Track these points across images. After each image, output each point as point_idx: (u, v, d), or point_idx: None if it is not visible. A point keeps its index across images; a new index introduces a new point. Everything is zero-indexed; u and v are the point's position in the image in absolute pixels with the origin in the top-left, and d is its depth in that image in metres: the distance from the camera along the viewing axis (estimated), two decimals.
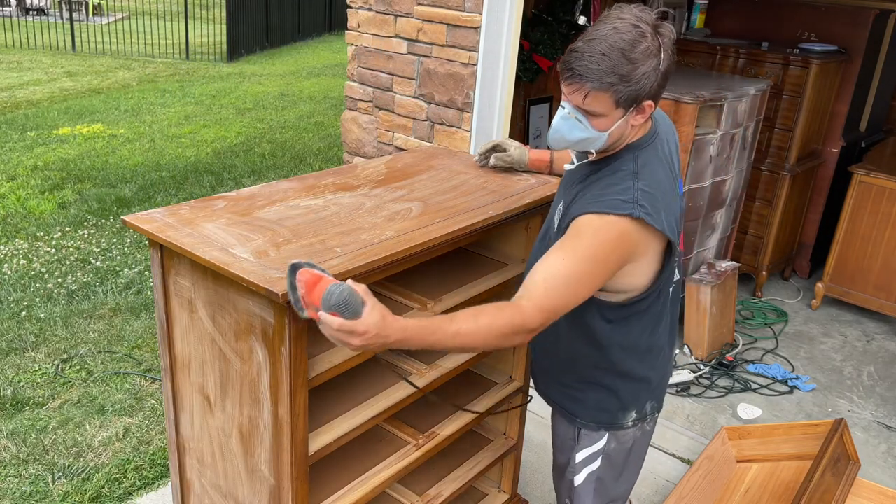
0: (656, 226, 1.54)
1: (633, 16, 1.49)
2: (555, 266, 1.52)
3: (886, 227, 4.21)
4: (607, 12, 1.54)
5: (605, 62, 1.47)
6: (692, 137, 3.45)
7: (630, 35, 1.47)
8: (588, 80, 1.49)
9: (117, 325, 3.95)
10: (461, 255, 2.27)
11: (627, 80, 1.48)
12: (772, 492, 2.73)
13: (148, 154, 7.06)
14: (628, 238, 1.54)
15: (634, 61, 1.47)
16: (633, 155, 1.62)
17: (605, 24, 1.50)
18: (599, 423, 1.88)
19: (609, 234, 1.53)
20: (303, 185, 2.07)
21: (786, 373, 3.80)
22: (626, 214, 1.52)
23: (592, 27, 1.52)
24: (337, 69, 12.49)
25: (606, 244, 1.53)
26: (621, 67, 1.47)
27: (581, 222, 1.55)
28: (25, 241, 4.99)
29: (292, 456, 1.66)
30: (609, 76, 1.47)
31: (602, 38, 1.48)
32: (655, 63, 1.49)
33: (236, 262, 1.55)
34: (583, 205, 1.57)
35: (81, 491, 2.77)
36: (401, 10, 3.26)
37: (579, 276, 1.52)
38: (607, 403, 1.85)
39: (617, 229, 1.53)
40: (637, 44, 1.47)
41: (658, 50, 1.49)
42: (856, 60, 4.47)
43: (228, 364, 1.72)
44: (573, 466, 1.96)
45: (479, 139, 3.16)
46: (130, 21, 15.96)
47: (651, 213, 1.54)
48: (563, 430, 1.96)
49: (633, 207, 1.52)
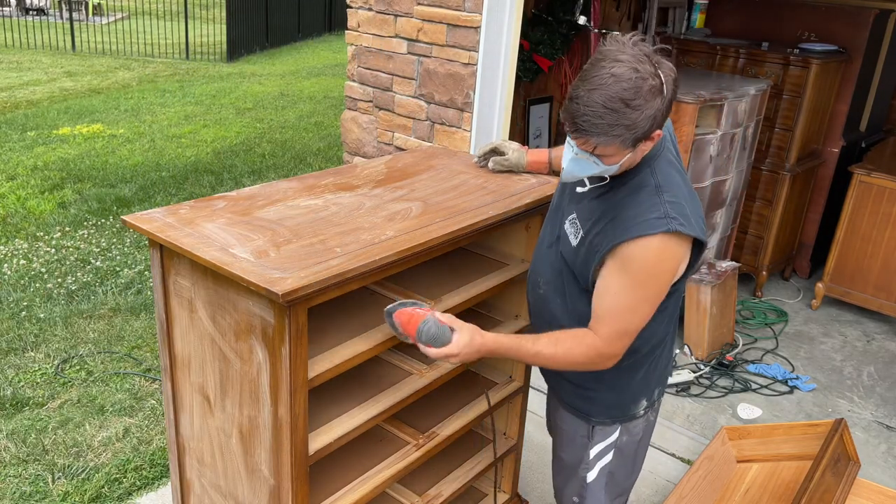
0: (691, 233, 1.60)
1: (631, 57, 1.45)
2: (616, 298, 1.64)
3: (886, 227, 4.21)
4: (603, 47, 1.50)
5: (608, 116, 1.45)
6: (692, 137, 3.45)
7: (631, 82, 1.44)
8: (594, 135, 1.49)
9: (117, 325, 3.95)
10: (461, 255, 2.27)
11: (633, 128, 1.47)
12: (772, 492, 2.73)
13: (148, 154, 7.06)
14: (672, 251, 1.61)
15: (638, 108, 1.45)
16: (650, 169, 1.63)
17: (604, 67, 1.46)
18: (614, 418, 1.91)
19: (650, 256, 1.60)
20: (303, 185, 2.07)
21: (786, 373, 3.80)
22: (664, 231, 1.57)
23: (591, 67, 1.48)
24: (337, 69, 12.49)
25: (655, 264, 1.61)
26: (626, 118, 1.46)
27: (625, 252, 1.60)
28: (25, 241, 4.99)
29: (292, 456, 1.66)
30: (614, 129, 1.47)
31: (602, 87, 1.44)
32: (659, 101, 1.48)
33: (236, 262, 1.55)
34: (619, 231, 1.61)
35: (81, 491, 2.77)
36: (401, 10, 3.26)
37: (640, 299, 1.64)
38: (620, 398, 1.89)
39: (656, 249, 1.59)
40: (639, 90, 1.44)
41: (661, 87, 1.47)
42: (856, 60, 4.47)
43: (228, 364, 1.72)
44: (587, 463, 1.97)
45: (479, 139, 3.16)
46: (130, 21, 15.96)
47: (683, 223, 1.59)
48: (574, 428, 1.96)
49: (667, 223, 1.57)
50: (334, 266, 1.57)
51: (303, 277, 1.50)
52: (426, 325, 1.64)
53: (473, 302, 2.05)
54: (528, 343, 1.70)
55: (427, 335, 1.64)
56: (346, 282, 1.59)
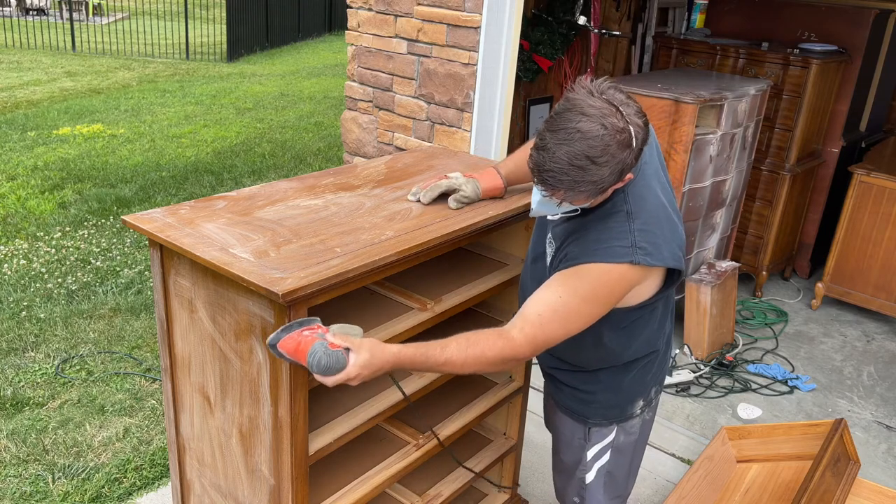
0: (657, 264, 1.58)
1: (598, 110, 1.42)
2: (552, 301, 1.57)
3: (886, 227, 4.21)
4: (571, 94, 1.47)
5: (574, 173, 1.43)
6: (692, 137, 3.45)
7: (598, 139, 1.41)
8: (560, 189, 1.47)
9: (117, 325, 3.95)
10: (461, 255, 2.27)
11: (600, 182, 1.45)
12: (772, 492, 2.73)
13: (148, 154, 7.06)
14: (626, 281, 1.58)
15: (605, 164, 1.43)
16: (623, 194, 1.60)
17: (570, 120, 1.42)
18: (611, 419, 1.91)
19: (608, 279, 1.56)
20: (303, 185, 2.07)
21: (786, 373, 3.80)
22: (626, 262, 1.54)
23: (558, 116, 1.45)
24: (337, 69, 12.50)
25: (606, 286, 1.57)
26: (592, 174, 1.43)
27: (585, 268, 1.57)
28: (25, 241, 4.99)
29: (292, 456, 1.66)
30: (580, 185, 1.45)
31: (568, 143, 1.42)
32: (628, 153, 1.45)
33: (236, 262, 1.55)
34: (581, 251, 1.58)
35: (81, 491, 2.77)
36: (401, 10, 3.26)
37: (575, 313, 1.58)
38: (616, 399, 1.88)
39: (616, 275, 1.56)
40: (606, 147, 1.42)
41: (629, 139, 1.44)
42: (856, 60, 4.47)
43: (228, 364, 1.72)
44: (584, 465, 1.97)
45: (480, 139, 3.16)
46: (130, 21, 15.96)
47: (651, 251, 1.56)
48: (571, 430, 1.96)
49: (632, 253, 1.54)
50: (334, 266, 1.57)
51: (303, 277, 1.50)
52: (315, 357, 1.44)
53: (473, 302, 2.05)
54: (437, 351, 1.56)
55: (319, 367, 1.44)
56: (346, 282, 1.60)
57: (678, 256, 1.63)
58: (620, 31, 4.84)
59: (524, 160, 1.99)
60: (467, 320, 2.28)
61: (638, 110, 1.47)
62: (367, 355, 1.49)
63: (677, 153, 3.45)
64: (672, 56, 4.76)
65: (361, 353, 1.49)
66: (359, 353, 1.48)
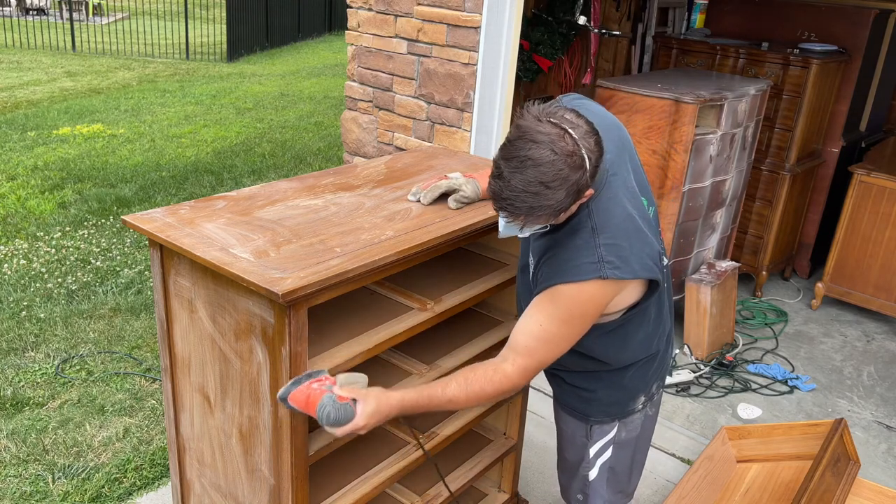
0: (625, 277, 1.60)
1: (546, 136, 1.43)
2: (534, 331, 1.64)
3: (886, 227, 4.21)
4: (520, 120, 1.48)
5: (530, 199, 1.45)
6: (692, 137, 3.45)
7: (549, 165, 1.43)
8: (519, 215, 1.50)
9: (117, 325, 3.95)
10: (461, 255, 2.27)
11: (557, 205, 1.47)
12: (772, 492, 2.73)
13: (148, 154, 7.06)
14: (601, 296, 1.61)
15: (559, 187, 1.45)
16: (587, 210, 1.61)
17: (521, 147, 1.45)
18: (612, 416, 1.93)
19: (581, 298, 1.60)
20: (303, 185, 2.07)
21: (786, 373, 3.80)
22: (595, 278, 1.57)
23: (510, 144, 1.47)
24: (337, 69, 12.50)
25: (580, 306, 1.61)
26: (547, 199, 1.45)
27: (558, 290, 1.60)
28: (25, 241, 4.99)
29: (292, 456, 1.66)
30: (536, 210, 1.47)
31: (521, 171, 1.44)
32: (581, 172, 1.46)
33: (236, 262, 1.55)
34: (552, 272, 1.62)
35: (81, 491, 2.77)
36: (401, 10, 3.26)
37: (558, 337, 1.64)
38: (617, 396, 1.90)
39: (588, 292, 1.59)
40: (559, 172, 1.43)
41: (581, 161, 1.45)
42: (856, 60, 4.47)
43: (228, 364, 1.72)
44: (587, 462, 1.99)
45: (480, 139, 3.16)
46: (130, 21, 15.96)
47: (619, 265, 1.58)
48: (573, 428, 1.98)
49: (599, 268, 1.56)
50: (334, 266, 1.57)
51: (303, 277, 1.50)
52: (324, 411, 1.50)
53: (473, 302, 2.05)
54: (439, 391, 1.64)
55: (328, 421, 1.51)
56: (345, 282, 1.60)
57: (649, 266, 1.64)
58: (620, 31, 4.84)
59: None
60: (467, 320, 2.28)
61: (588, 130, 1.48)
62: (374, 405, 1.55)
63: (677, 153, 3.45)
64: (672, 56, 4.76)
65: (368, 402, 1.55)
66: (366, 404, 1.54)
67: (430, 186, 1.99)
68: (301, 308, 1.53)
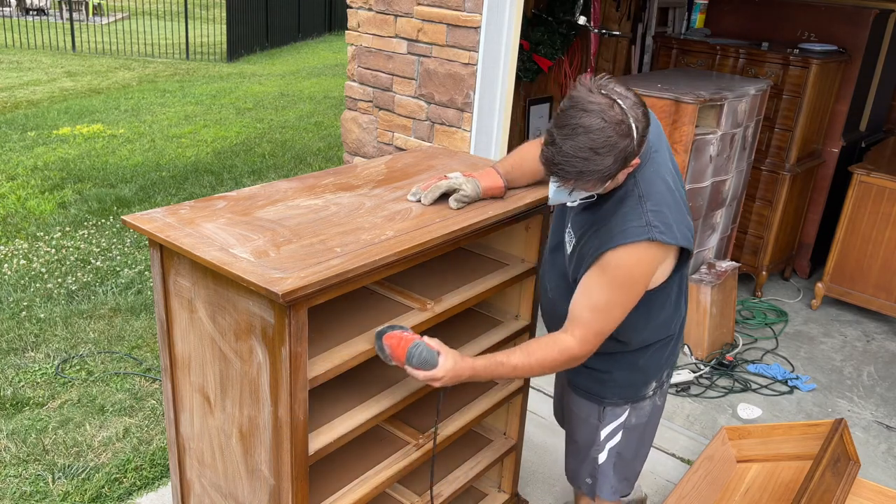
0: (671, 241, 1.71)
1: (598, 105, 1.55)
2: (589, 303, 1.76)
3: (886, 227, 4.21)
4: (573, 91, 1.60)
5: (580, 164, 1.57)
6: (692, 137, 3.45)
7: (599, 132, 1.54)
8: (570, 179, 1.61)
9: (117, 325, 3.95)
10: (461, 255, 2.27)
11: (605, 171, 1.59)
12: (772, 492, 2.73)
13: (148, 154, 7.06)
14: (649, 259, 1.72)
15: (607, 153, 1.56)
16: (634, 180, 1.73)
17: (573, 116, 1.56)
18: (626, 399, 2.03)
19: (630, 261, 1.71)
20: (303, 185, 2.07)
21: (786, 373, 3.80)
22: (645, 239, 1.68)
23: (563, 114, 1.58)
24: (337, 69, 12.50)
25: (633, 269, 1.72)
26: (596, 164, 1.57)
27: (607, 257, 1.71)
28: (25, 241, 4.99)
29: (292, 456, 1.66)
30: (588, 174, 1.59)
31: (573, 137, 1.55)
32: (629, 140, 1.57)
33: (236, 262, 1.55)
34: (604, 240, 1.72)
35: (81, 491, 2.77)
36: (401, 10, 3.26)
37: (614, 305, 1.75)
38: (632, 379, 2.00)
39: (637, 255, 1.70)
40: (608, 139, 1.55)
41: (629, 129, 1.56)
42: (856, 60, 4.47)
43: (228, 364, 1.72)
44: (598, 444, 2.09)
45: (480, 139, 3.16)
46: (130, 21, 15.96)
47: (664, 230, 1.69)
48: (587, 411, 2.07)
49: (648, 231, 1.68)
50: (334, 266, 1.57)
51: (303, 277, 1.50)
52: (417, 349, 1.70)
53: (473, 302, 2.05)
54: (504, 359, 1.79)
55: (419, 358, 1.70)
56: (346, 282, 1.60)
57: (688, 237, 1.76)
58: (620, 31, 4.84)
59: (521, 161, 2.08)
60: (467, 320, 2.28)
61: (636, 101, 1.59)
62: (452, 362, 1.73)
63: (677, 153, 3.44)
64: (672, 56, 4.76)
65: (448, 359, 1.73)
66: (447, 359, 1.73)
67: (430, 187, 1.99)
68: (301, 308, 1.53)
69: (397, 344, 1.72)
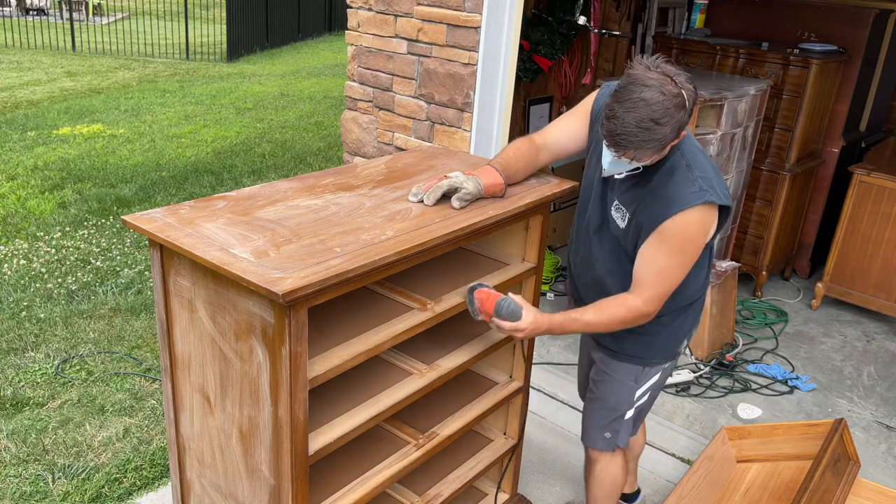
0: (721, 202, 1.88)
1: (656, 80, 1.73)
2: (658, 265, 1.92)
3: (886, 227, 4.21)
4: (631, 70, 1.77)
5: (642, 134, 1.74)
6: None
7: (659, 104, 1.72)
8: (630, 149, 1.78)
9: (117, 325, 3.95)
10: (461, 255, 2.27)
11: (663, 139, 1.77)
12: (772, 492, 2.73)
13: (148, 154, 7.06)
14: (704, 221, 1.89)
15: (666, 123, 1.74)
16: (679, 152, 1.91)
17: (635, 90, 1.73)
18: (665, 358, 2.21)
19: (688, 226, 1.87)
20: (303, 185, 2.07)
21: (786, 373, 3.80)
22: (700, 203, 1.85)
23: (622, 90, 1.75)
24: (337, 69, 12.50)
25: (689, 233, 1.89)
26: (656, 133, 1.75)
27: (667, 225, 1.87)
28: (25, 241, 4.99)
29: (292, 456, 1.66)
30: (647, 143, 1.76)
31: (635, 110, 1.73)
32: (683, 113, 1.76)
33: (236, 262, 1.55)
34: (661, 210, 1.88)
35: (81, 491, 2.77)
36: (401, 10, 3.26)
37: (675, 266, 1.93)
38: (673, 339, 2.18)
39: (694, 219, 1.87)
40: (667, 110, 1.73)
41: (683, 102, 1.75)
42: (856, 60, 4.46)
43: (228, 364, 1.72)
44: (630, 403, 2.26)
45: (480, 139, 3.16)
46: (130, 21, 15.96)
47: (714, 193, 1.86)
48: (627, 374, 2.22)
49: (702, 195, 1.85)
50: (334, 266, 1.57)
51: (303, 277, 1.50)
52: (506, 302, 1.88)
53: None
54: (577, 315, 1.97)
55: (507, 310, 1.88)
56: (346, 282, 1.60)
57: (729, 197, 1.93)
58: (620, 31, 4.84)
59: (515, 156, 2.14)
60: (467, 320, 2.28)
61: (687, 77, 1.78)
62: (533, 317, 1.91)
63: None
64: (672, 56, 4.76)
65: (530, 313, 1.91)
66: (528, 313, 1.90)
67: (431, 187, 1.99)
68: (301, 308, 1.53)
69: (486, 298, 1.90)
